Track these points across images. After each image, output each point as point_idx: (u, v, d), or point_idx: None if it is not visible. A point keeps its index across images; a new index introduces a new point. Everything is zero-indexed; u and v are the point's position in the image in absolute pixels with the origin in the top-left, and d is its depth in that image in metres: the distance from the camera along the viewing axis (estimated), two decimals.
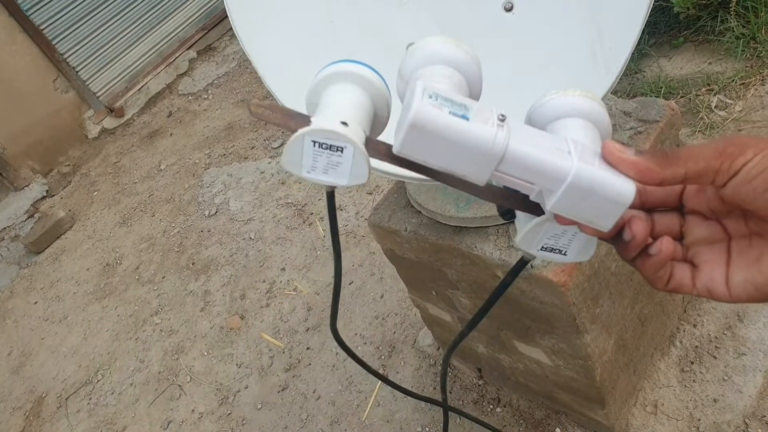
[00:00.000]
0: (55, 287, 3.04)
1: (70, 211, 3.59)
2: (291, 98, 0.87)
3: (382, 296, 2.08)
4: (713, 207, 0.43)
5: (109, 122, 4.38)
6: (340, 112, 0.37)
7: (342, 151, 0.36)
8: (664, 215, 0.45)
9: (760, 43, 2.20)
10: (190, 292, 2.52)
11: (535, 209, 0.41)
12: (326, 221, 2.54)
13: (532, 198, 0.38)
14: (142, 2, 4.39)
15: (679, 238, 0.45)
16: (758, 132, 1.93)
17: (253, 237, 2.64)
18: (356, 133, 0.37)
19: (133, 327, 2.52)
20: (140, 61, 4.51)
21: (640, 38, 2.62)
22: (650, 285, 0.45)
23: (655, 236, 0.43)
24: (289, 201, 2.76)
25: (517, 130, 0.36)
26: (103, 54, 4.30)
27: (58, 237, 3.42)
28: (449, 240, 1.08)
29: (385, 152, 0.37)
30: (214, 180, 3.17)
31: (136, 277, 2.78)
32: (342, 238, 2.42)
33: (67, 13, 4.02)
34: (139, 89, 4.48)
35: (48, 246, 3.39)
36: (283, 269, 2.39)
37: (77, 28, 4.11)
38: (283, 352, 2.07)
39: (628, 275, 1.14)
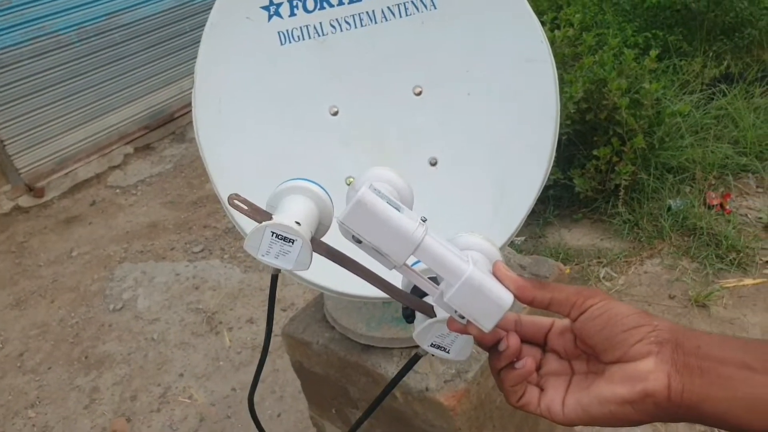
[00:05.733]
0: None
1: None
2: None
3: (279, 415, 2.06)
4: (567, 350, 0.56)
5: (26, 200, 4.26)
6: (295, 215, 0.49)
7: (293, 243, 0.47)
8: (530, 347, 0.57)
9: (642, 229, 2.56)
10: (76, 387, 2.37)
11: (429, 312, 0.52)
12: (234, 332, 2.54)
13: (433, 300, 0.49)
14: (88, 94, 4.48)
15: (536, 368, 0.56)
16: (634, 304, 2.19)
17: (155, 338, 2.57)
18: (306, 232, 0.48)
19: (1, 420, 2.31)
20: (74, 147, 4.51)
21: (546, 208, 2.96)
22: (506, 398, 0.56)
23: (520, 358, 0.54)
24: (200, 307, 2.74)
25: (433, 233, 0.48)
26: (36, 134, 4.28)
27: None
28: (356, 357, 1.17)
29: (325, 250, 0.48)
30: (126, 275, 3.12)
31: (18, 364, 2.59)
32: (248, 352, 2.41)
33: (7, 90, 4.05)
34: (66, 174, 4.44)
35: None
36: (182, 375, 2.33)
37: (15, 105, 4.11)
38: None
39: (512, 411, 1.24)
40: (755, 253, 2.38)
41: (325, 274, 1.03)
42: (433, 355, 0.55)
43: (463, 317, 0.49)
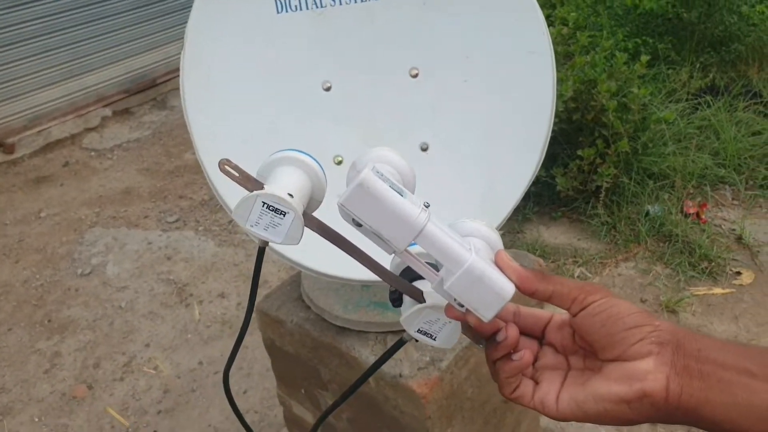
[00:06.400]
0: None
1: None
2: (218, 175, 0.95)
3: (245, 392, 2.04)
4: (565, 344, 0.55)
5: None
6: (287, 186, 0.47)
7: (284, 215, 0.45)
8: (527, 340, 0.56)
9: (619, 232, 2.58)
10: (36, 350, 2.32)
11: (419, 297, 0.51)
12: (204, 305, 2.50)
13: (432, 287, 0.48)
14: (67, 51, 4.32)
15: (533, 361, 0.55)
16: None
17: (123, 306, 2.52)
18: (298, 205, 0.46)
19: None
20: (48, 105, 4.36)
21: (526, 205, 2.97)
22: (500, 389, 0.54)
23: (517, 350, 0.53)
24: (171, 278, 2.69)
25: (436, 219, 0.47)
26: (9, 88, 4.12)
27: None
28: (331, 338, 1.15)
29: (317, 225, 0.46)
30: (96, 240, 3.04)
31: None
32: (217, 326, 2.38)
33: None
34: (39, 132, 4.30)
35: None
36: (148, 345, 2.29)
37: None
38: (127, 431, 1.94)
39: (481, 404, 1.24)
40: (726, 264, 2.42)
41: (305, 253, 1.01)
42: (416, 341, 0.54)
43: (462, 305, 0.48)
